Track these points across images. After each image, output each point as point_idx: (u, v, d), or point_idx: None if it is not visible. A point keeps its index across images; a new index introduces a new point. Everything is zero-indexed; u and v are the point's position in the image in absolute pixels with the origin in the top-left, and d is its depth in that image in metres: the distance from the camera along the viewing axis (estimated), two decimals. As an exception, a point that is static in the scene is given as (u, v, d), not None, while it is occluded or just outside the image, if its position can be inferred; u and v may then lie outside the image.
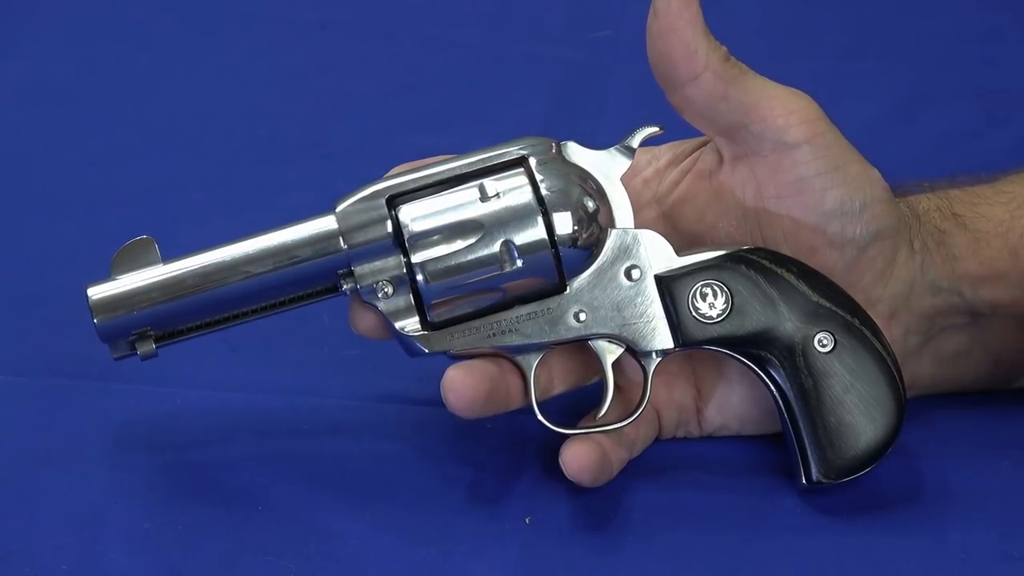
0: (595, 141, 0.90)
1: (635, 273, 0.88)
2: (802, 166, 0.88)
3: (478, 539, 0.90)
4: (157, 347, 0.89)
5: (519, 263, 0.87)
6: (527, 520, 0.91)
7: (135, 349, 0.89)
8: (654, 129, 0.90)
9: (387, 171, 0.90)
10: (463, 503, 0.92)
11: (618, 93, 1.24)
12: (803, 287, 0.88)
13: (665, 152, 0.94)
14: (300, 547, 0.89)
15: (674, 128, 0.92)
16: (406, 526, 0.90)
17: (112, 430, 0.97)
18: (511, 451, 0.94)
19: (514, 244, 0.87)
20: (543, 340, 0.88)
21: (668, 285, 0.88)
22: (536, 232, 0.87)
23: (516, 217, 0.87)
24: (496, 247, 0.87)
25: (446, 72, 1.26)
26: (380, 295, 0.88)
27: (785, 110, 0.88)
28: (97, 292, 0.88)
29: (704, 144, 0.93)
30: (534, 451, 0.94)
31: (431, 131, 1.20)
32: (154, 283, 0.88)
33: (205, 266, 0.88)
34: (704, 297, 0.88)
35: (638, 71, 0.92)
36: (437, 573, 0.88)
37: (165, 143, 1.20)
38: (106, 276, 0.88)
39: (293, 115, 1.22)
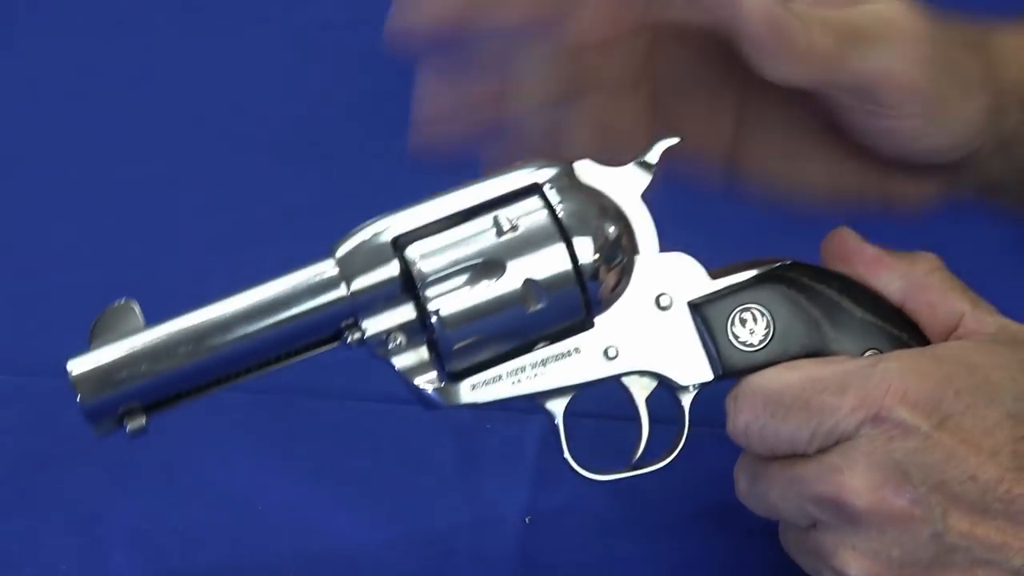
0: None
1: (665, 301, 0.81)
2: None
3: (478, 539, 0.90)
4: (147, 419, 0.80)
5: (542, 299, 0.79)
6: (527, 520, 0.91)
7: (123, 424, 0.80)
8: (673, 141, 0.83)
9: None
10: (463, 503, 0.92)
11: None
12: (847, 303, 0.82)
13: None
14: (300, 547, 0.89)
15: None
16: (406, 526, 0.90)
17: (112, 430, 0.97)
18: (511, 451, 0.94)
19: (535, 279, 0.79)
20: (571, 382, 0.81)
21: (703, 312, 0.81)
22: (559, 264, 0.79)
23: (536, 250, 0.79)
24: (517, 284, 0.79)
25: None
26: (391, 346, 0.80)
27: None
28: (79, 367, 0.79)
29: None
30: (534, 451, 0.94)
31: (431, 131, 1.20)
32: (142, 353, 0.79)
33: (194, 329, 0.79)
34: (744, 323, 0.81)
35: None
36: (437, 573, 0.88)
37: (165, 143, 1.20)
38: (86, 347, 0.80)
39: (293, 115, 1.22)
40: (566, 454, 0.82)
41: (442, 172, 0.82)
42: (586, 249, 0.80)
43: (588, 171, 0.82)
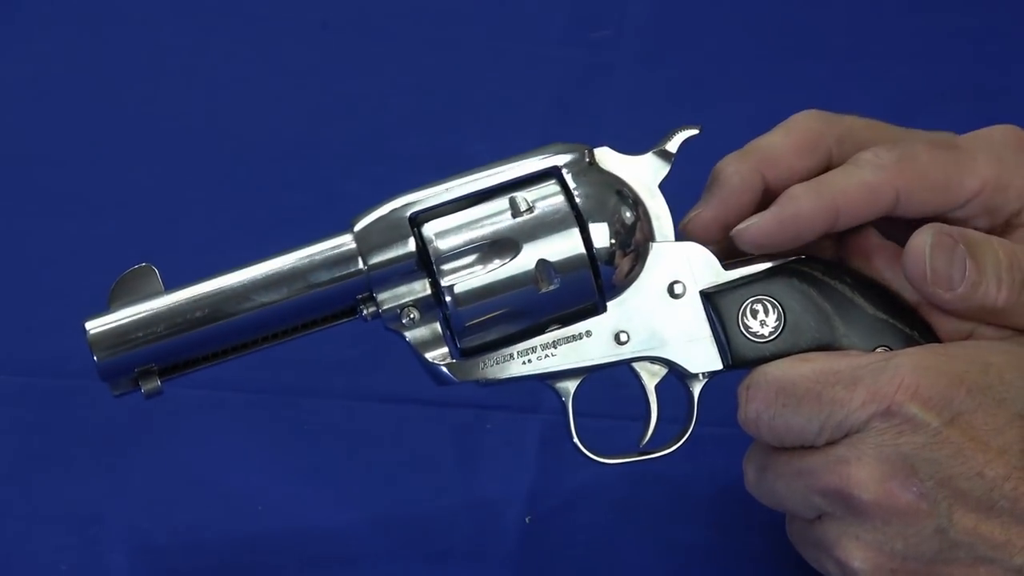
0: (595, 142, 0.89)
1: (678, 288, 0.82)
2: None
3: (478, 539, 0.90)
4: (162, 382, 0.82)
5: (555, 282, 0.80)
6: (527, 519, 0.91)
7: (138, 386, 0.82)
8: (693, 131, 0.83)
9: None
10: (463, 502, 0.92)
11: (618, 93, 1.24)
12: (859, 299, 0.82)
13: None
14: (300, 547, 0.89)
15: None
16: (406, 525, 0.90)
17: (112, 430, 0.97)
18: (511, 451, 0.95)
19: (549, 261, 0.80)
20: (582, 365, 0.82)
21: (715, 301, 0.82)
22: (573, 248, 0.80)
23: (551, 232, 0.80)
24: (531, 265, 0.80)
25: (446, 72, 1.26)
26: (405, 321, 0.81)
27: None
28: (96, 326, 0.80)
29: None
30: (534, 451, 0.94)
31: (431, 131, 1.20)
32: (158, 315, 0.80)
33: (212, 294, 0.80)
34: (755, 314, 0.82)
35: (638, 71, 0.92)
36: (437, 572, 0.88)
37: (165, 142, 1.20)
38: (104, 308, 0.82)
39: (293, 115, 1.22)
40: (574, 437, 0.83)
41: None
42: (601, 234, 0.81)
43: (607, 158, 0.83)
